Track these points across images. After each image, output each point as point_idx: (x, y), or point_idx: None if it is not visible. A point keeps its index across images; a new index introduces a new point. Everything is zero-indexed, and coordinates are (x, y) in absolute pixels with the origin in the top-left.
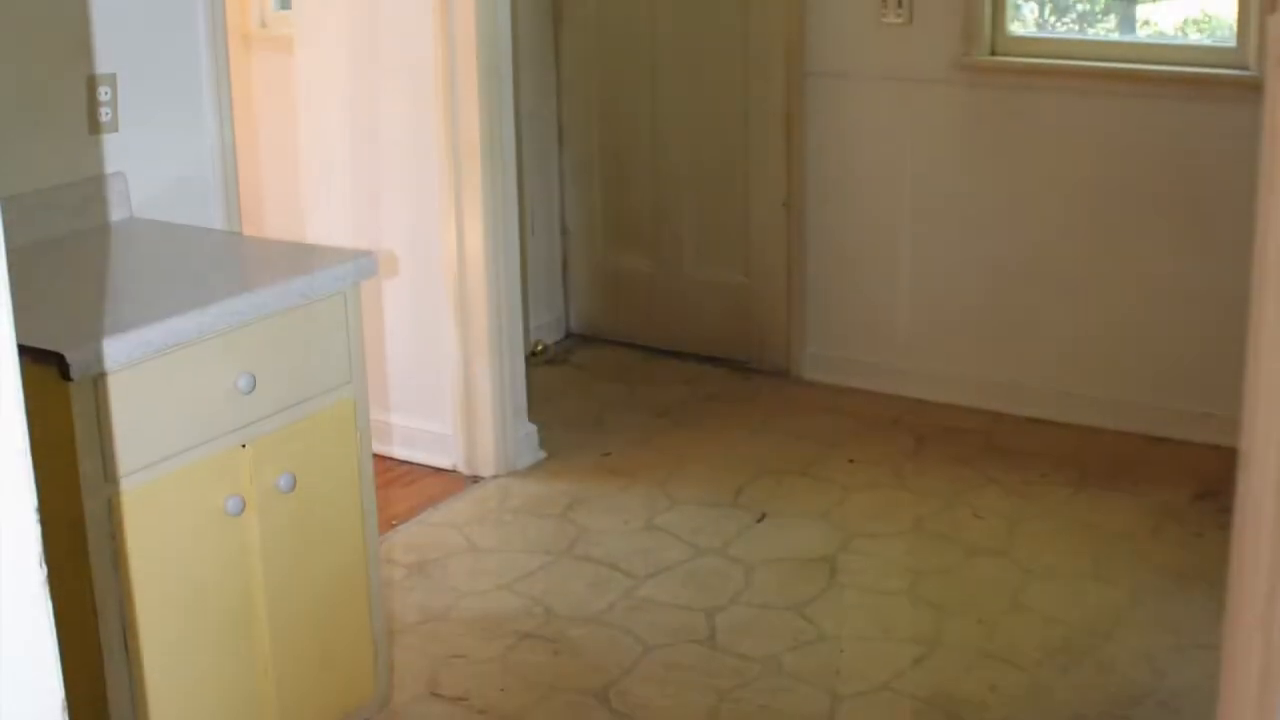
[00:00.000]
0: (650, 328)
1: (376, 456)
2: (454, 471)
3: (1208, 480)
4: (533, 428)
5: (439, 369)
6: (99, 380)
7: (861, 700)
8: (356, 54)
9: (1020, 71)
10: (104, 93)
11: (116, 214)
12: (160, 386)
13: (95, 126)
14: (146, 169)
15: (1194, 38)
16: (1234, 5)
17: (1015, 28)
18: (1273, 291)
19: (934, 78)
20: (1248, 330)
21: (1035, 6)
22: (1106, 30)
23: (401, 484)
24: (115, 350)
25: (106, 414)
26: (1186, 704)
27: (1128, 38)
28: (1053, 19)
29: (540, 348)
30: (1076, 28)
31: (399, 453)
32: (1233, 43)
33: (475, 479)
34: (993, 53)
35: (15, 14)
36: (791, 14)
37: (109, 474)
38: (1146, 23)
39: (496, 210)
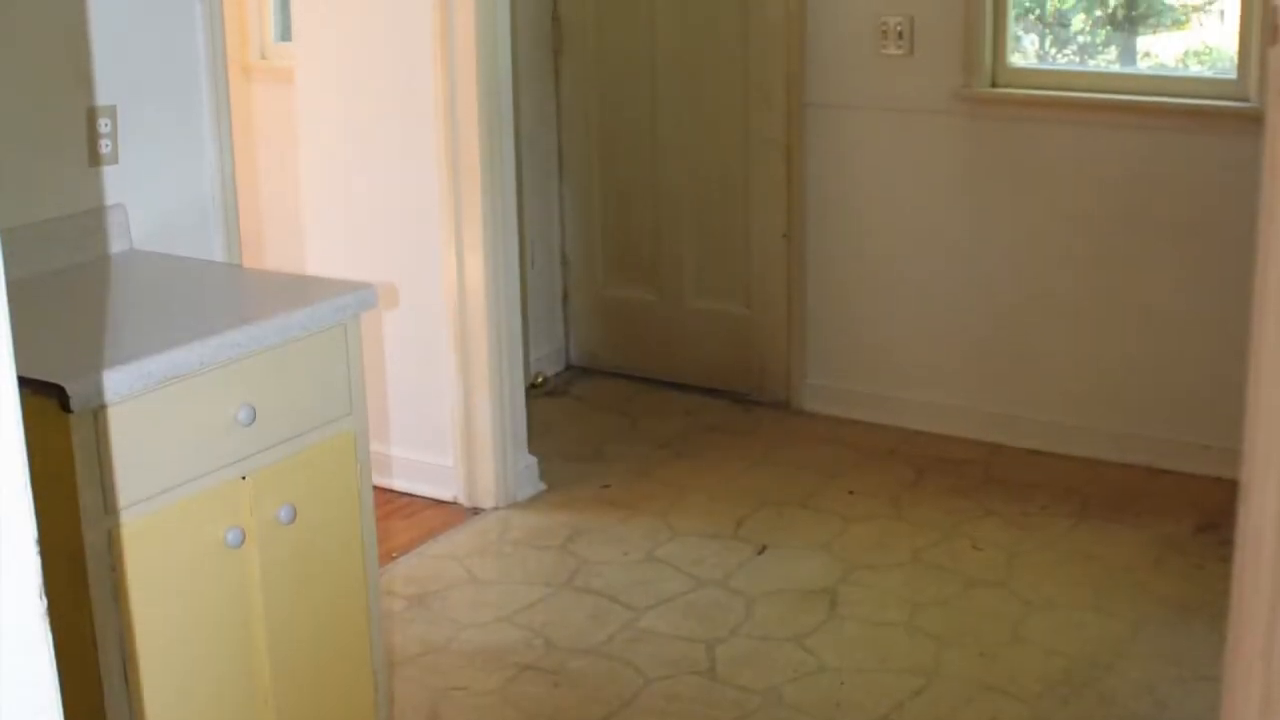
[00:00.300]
0: (650, 359)
1: (377, 488)
2: (454, 503)
3: (1209, 512)
4: (533, 459)
5: (439, 401)
6: (99, 412)
7: None
8: (356, 85)
9: (1021, 103)
10: (104, 125)
11: (116, 246)
12: (160, 418)
13: (95, 158)
14: (147, 201)
15: (1195, 69)
16: (1235, 37)
17: (1016, 59)
18: (1273, 323)
19: (934, 109)
20: (1248, 361)
21: (1036, 38)
22: (1107, 62)
23: (402, 516)
24: (115, 382)
25: (106, 446)
26: None
27: (1128, 69)
28: (1053, 50)
29: (540, 379)
30: (1077, 59)
31: (399, 485)
32: (1233, 75)
33: (475, 511)
34: (993, 84)
35: (15, 46)
36: (792, 44)
37: (109, 506)
38: (1147, 54)
39: (496, 241)
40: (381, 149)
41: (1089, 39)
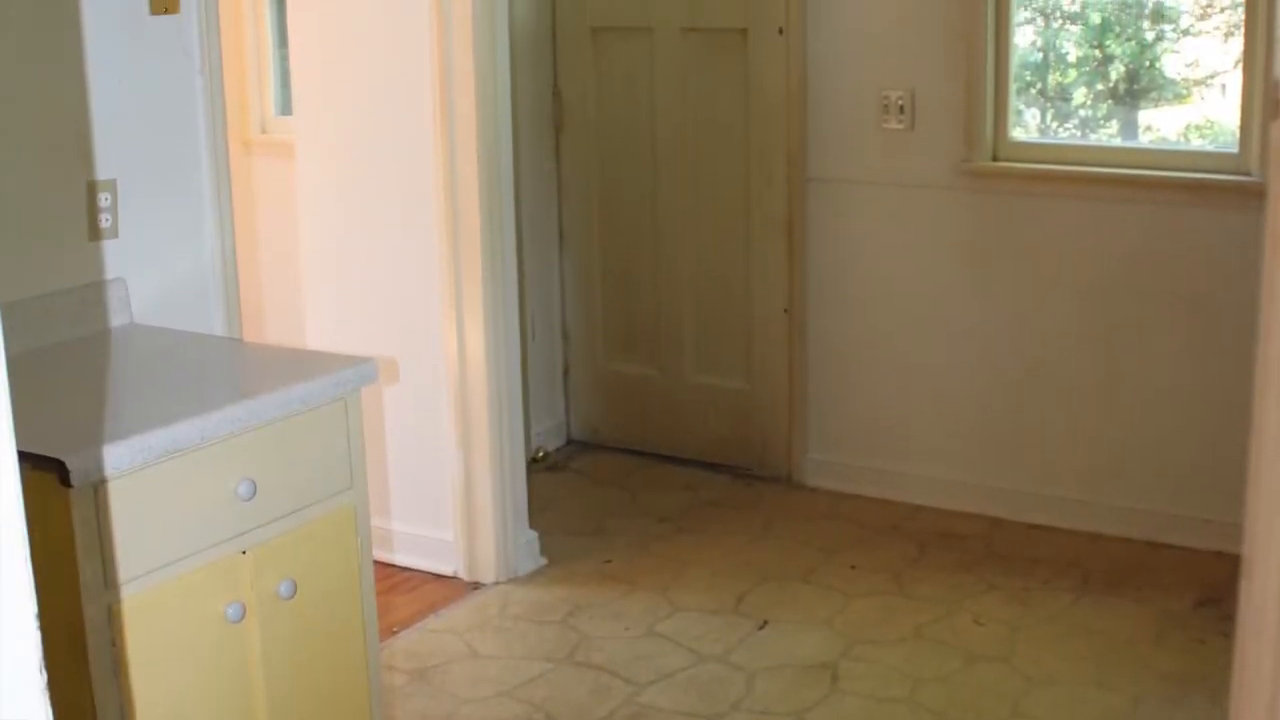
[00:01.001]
0: (651, 434)
1: (377, 563)
2: (455, 578)
3: (1210, 587)
4: (534, 534)
5: (440, 475)
6: (99, 486)
7: None
8: (357, 159)
9: (1022, 177)
10: (104, 199)
11: (117, 320)
12: (161, 493)
13: (95, 233)
14: (147, 275)
15: (1196, 143)
16: (1236, 111)
17: (1017, 133)
18: (1274, 397)
19: (936, 183)
20: (1250, 436)
21: (1037, 112)
22: (1109, 136)
23: (402, 590)
24: (115, 456)
25: (107, 520)
26: None
27: (1130, 143)
28: (1055, 124)
29: (541, 454)
30: (1079, 133)
31: (400, 559)
32: (1235, 148)
33: (476, 585)
34: (995, 158)
35: (16, 120)
36: (793, 119)
37: (109, 580)
38: (1149, 128)
39: (497, 316)
40: (382, 222)
41: (1090, 113)
